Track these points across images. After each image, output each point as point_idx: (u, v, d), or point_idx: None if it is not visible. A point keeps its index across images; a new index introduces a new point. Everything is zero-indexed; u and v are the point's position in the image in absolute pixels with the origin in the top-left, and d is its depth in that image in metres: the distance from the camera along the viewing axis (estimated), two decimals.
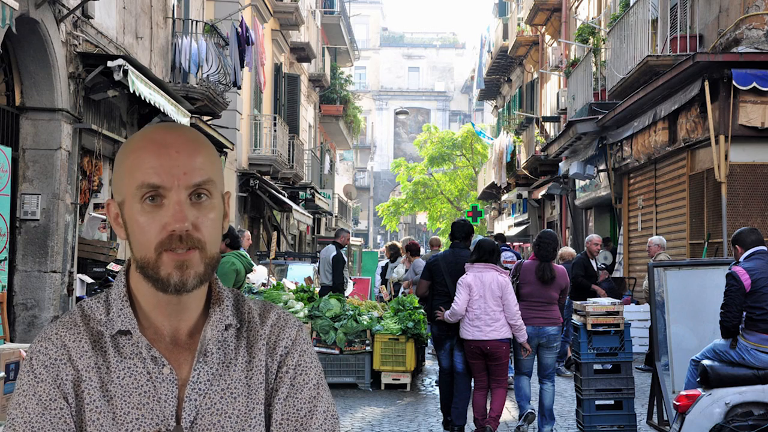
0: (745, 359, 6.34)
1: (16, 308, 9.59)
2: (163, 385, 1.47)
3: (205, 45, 14.31)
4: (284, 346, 1.56)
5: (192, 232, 1.44)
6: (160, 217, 1.44)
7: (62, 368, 1.47)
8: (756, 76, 11.24)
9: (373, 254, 29.24)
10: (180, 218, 1.43)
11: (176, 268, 1.44)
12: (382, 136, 71.23)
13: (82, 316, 1.52)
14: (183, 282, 1.45)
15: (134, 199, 1.46)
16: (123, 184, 1.48)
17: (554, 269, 7.97)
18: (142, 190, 1.44)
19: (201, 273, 1.46)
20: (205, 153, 1.50)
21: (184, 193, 1.45)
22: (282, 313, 1.60)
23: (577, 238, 21.29)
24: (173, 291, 1.45)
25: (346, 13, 39.28)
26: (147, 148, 1.47)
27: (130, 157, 1.48)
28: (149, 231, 1.44)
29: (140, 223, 1.45)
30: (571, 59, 21.65)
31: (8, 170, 8.96)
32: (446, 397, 8.08)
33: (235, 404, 1.50)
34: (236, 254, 8.02)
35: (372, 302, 12.60)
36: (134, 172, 1.46)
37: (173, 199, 1.44)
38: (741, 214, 11.59)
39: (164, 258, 1.44)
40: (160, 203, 1.45)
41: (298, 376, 1.54)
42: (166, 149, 1.46)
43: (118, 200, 1.50)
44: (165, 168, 1.44)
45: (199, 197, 1.47)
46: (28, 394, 1.45)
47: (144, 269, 1.46)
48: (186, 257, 1.44)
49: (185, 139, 1.49)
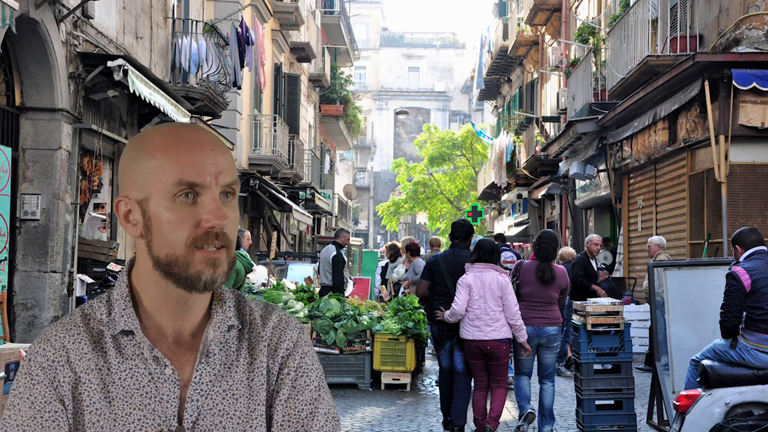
0: (745, 359, 6.34)
1: (16, 308, 9.59)
2: (165, 386, 1.47)
3: (205, 45, 14.31)
4: (285, 348, 1.56)
5: (226, 229, 1.46)
6: (194, 214, 1.44)
7: (60, 370, 1.46)
8: (756, 76, 11.24)
9: (373, 254, 29.24)
10: (220, 215, 1.44)
11: (208, 266, 1.44)
12: (382, 136, 71.23)
13: (83, 317, 1.52)
14: (213, 279, 1.45)
15: (164, 196, 1.44)
16: (148, 181, 1.46)
17: (554, 269, 7.97)
18: (178, 187, 1.44)
19: (226, 271, 1.48)
20: (230, 153, 1.51)
21: (218, 192, 1.46)
22: (284, 315, 1.61)
23: (577, 238, 21.29)
24: (202, 288, 1.45)
25: (346, 13, 39.27)
26: (180, 146, 1.46)
27: (157, 154, 1.46)
28: (181, 228, 1.44)
29: (170, 220, 1.44)
30: (571, 59, 21.64)
31: (8, 170, 8.96)
32: (446, 397, 8.08)
33: (236, 405, 1.50)
34: (236, 254, 8.02)
35: (372, 302, 12.60)
36: (164, 171, 1.44)
37: (209, 196, 1.45)
38: (741, 214, 11.59)
39: (196, 255, 1.44)
40: (194, 200, 1.45)
41: (299, 378, 1.54)
42: (201, 147, 1.46)
43: (137, 197, 1.47)
44: (202, 166, 1.45)
45: (227, 197, 1.48)
46: (23, 396, 1.44)
47: (168, 266, 1.45)
48: (217, 255, 1.45)
49: (214, 138, 1.50)
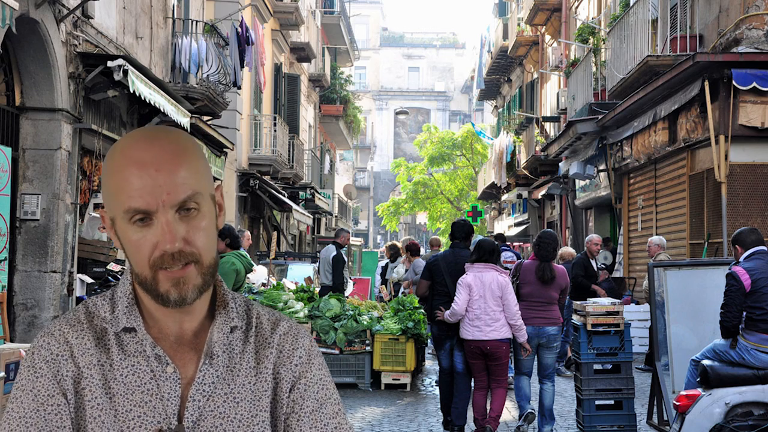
0: (745, 359, 6.34)
1: (16, 308, 9.59)
2: (167, 384, 1.47)
3: (205, 45, 14.31)
4: (299, 356, 1.55)
5: (184, 248, 1.43)
6: (151, 236, 1.43)
7: (63, 364, 1.46)
8: (756, 76, 11.24)
9: (373, 254, 29.23)
10: (170, 239, 1.42)
11: (173, 286, 1.43)
12: (382, 136, 71.23)
13: (86, 314, 1.52)
14: (182, 297, 1.44)
15: (123, 220, 1.44)
16: (112, 203, 1.46)
17: (554, 269, 7.97)
18: (129, 214, 1.43)
19: (200, 284, 1.45)
20: (188, 164, 1.46)
21: (171, 212, 1.43)
22: (293, 323, 1.60)
23: (577, 238, 21.29)
24: (173, 306, 1.45)
25: (346, 13, 39.27)
26: (128, 169, 1.43)
27: (114, 177, 1.45)
28: (142, 250, 1.44)
29: (133, 241, 1.44)
30: (571, 59, 21.64)
31: (8, 170, 8.96)
32: (446, 397, 8.08)
33: (237, 409, 1.49)
34: (236, 254, 8.01)
35: (372, 302, 12.60)
36: (119, 195, 1.44)
37: (161, 219, 1.42)
38: (741, 214, 11.59)
39: (160, 276, 1.43)
40: (149, 223, 1.43)
41: (320, 391, 1.54)
42: (146, 169, 1.42)
43: (109, 215, 1.48)
44: (147, 190, 1.42)
45: (188, 211, 1.44)
46: (26, 389, 1.45)
47: (143, 284, 1.46)
48: (182, 274, 1.43)
49: (164, 153, 1.44)
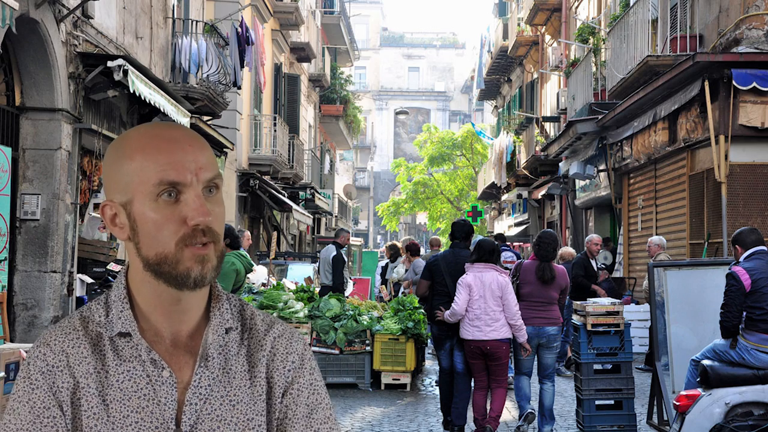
0: (745, 359, 6.34)
1: (16, 308, 9.59)
2: (163, 389, 1.46)
3: (205, 45, 14.31)
4: (292, 362, 1.55)
5: (212, 225, 1.46)
6: (178, 212, 1.44)
7: (59, 375, 1.45)
8: (756, 76, 11.24)
9: (373, 254, 29.23)
10: (204, 212, 1.44)
11: (197, 262, 1.44)
12: (382, 136, 71.23)
13: (81, 320, 1.51)
14: (203, 275, 1.45)
15: (147, 197, 1.44)
16: (130, 183, 1.46)
17: (554, 269, 7.97)
18: (159, 187, 1.44)
19: (215, 266, 1.47)
20: (209, 148, 1.52)
21: (200, 188, 1.46)
22: (287, 326, 1.60)
23: (577, 238, 21.29)
24: (192, 285, 1.44)
25: (346, 13, 39.27)
26: (158, 146, 1.46)
27: (136, 156, 1.46)
28: (168, 227, 1.44)
29: (155, 220, 1.44)
30: (571, 59, 21.64)
31: (8, 170, 8.96)
32: (446, 397, 8.08)
33: (233, 412, 1.49)
34: (236, 254, 8.01)
35: (372, 302, 12.60)
36: (144, 172, 1.44)
37: (192, 194, 1.44)
38: (741, 214, 11.59)
39: (186, 253, 1.43)
40: (177, 199, 1.44)
41: (312, 395, 1.55)
42: (180, 144, 1.46)
43: (120, 201, 1.47)
44: (181, 164, 1.44)
45: (210, 191, 1.48)
46: (22, 401, 1.44)
47: (158, 265, 1.44)
48: (205, 251, 1.45)
49: (191, 134, 1.50)
